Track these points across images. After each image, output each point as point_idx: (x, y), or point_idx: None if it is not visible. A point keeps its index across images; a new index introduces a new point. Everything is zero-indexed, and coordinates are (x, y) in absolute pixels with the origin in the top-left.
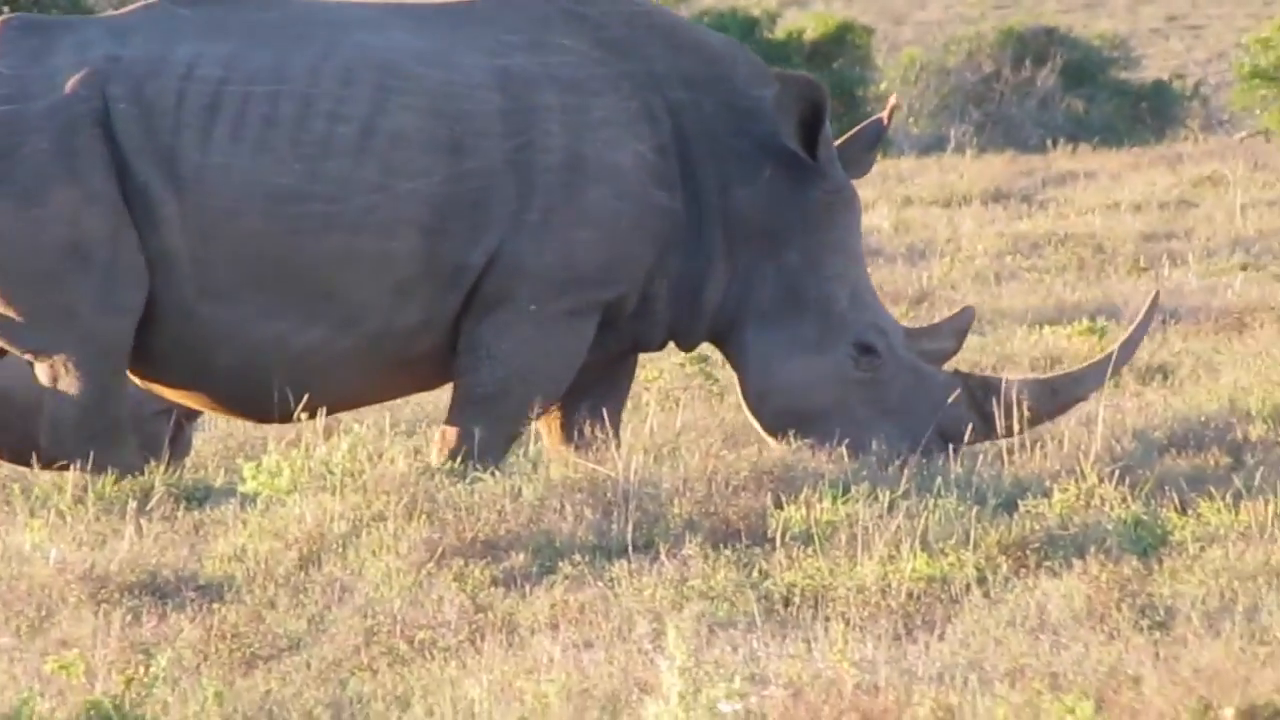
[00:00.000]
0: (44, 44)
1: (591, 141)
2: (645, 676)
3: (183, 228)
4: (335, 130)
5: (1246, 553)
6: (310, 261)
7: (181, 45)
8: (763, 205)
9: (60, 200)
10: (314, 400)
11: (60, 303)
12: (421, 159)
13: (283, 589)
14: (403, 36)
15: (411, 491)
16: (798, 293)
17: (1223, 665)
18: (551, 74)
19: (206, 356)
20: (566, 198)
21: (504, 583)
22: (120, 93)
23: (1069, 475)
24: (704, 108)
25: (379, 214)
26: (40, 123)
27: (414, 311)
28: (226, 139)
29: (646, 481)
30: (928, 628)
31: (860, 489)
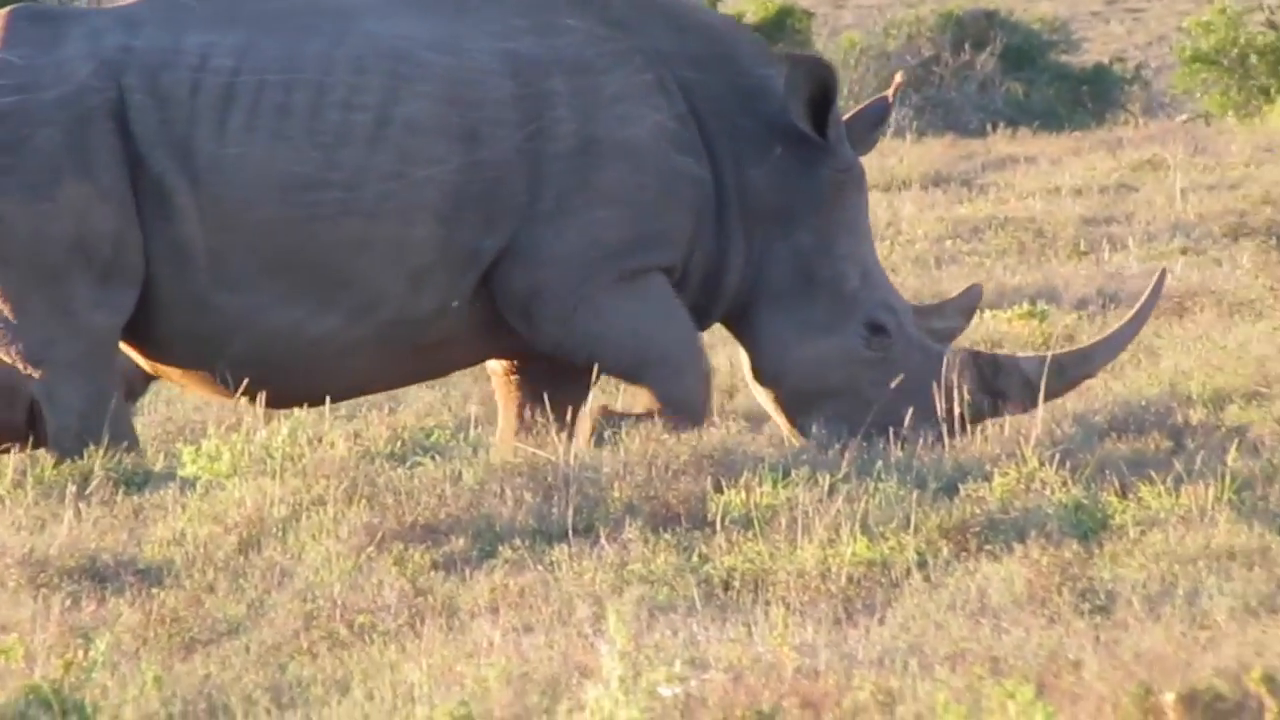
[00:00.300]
0: (53, 33)
1: (604, 121)
2: (585, 660)
3: (198, 217)
4: (350, 118)
5: (1187, 536)
6: (326, 249)
7: (192, 35)
8: (775, 185)
9: (70, 195)
10: (329, 387)
11: (58, 298)
12: (436, 146)
13: (222, 573)
14: (409, 23)
15: (351, 476)
16: (810, 273)
17: (1163, 649)
18: (559, 56)
19: (221, 345)
20: (580, 182)
21: (444, 567)
22: (135, 83)
23: (1009, 459)
24: (712, 87)
25: (395, 201)
26: (52, 114)
27: (429, 298)
28: (241, 128)
29: (587, 466)
30: (868, 612)
31: (800, 473)
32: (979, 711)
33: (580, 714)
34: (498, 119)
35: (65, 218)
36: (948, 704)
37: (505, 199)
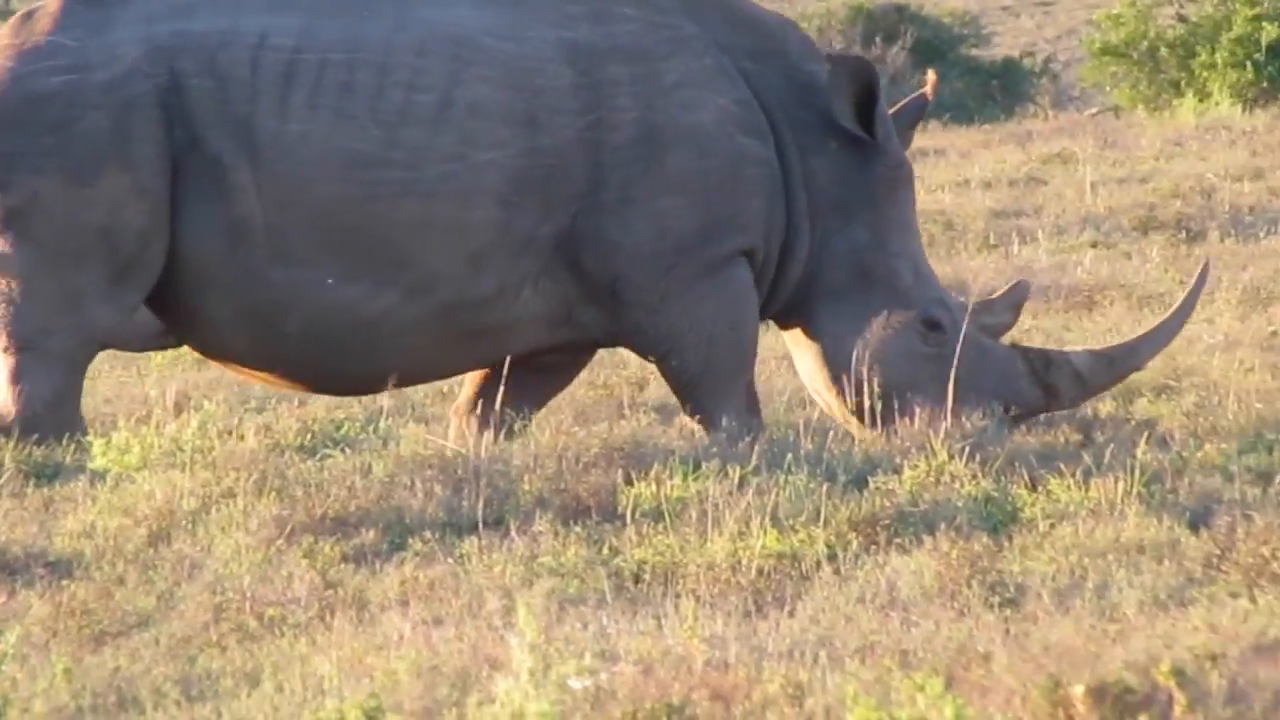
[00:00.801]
0: (106, 16)
1: (665, 108)
2: (495, 653)
3: (258, 194)
4: (413, 99)
5: (1096, 530)
6: (385, 228)
7: (248, 18)
8: (834, 178)
9: (109, 185)
10: (384, 369)
11: (71, 285)
12: (498, 130)
13: (132, 566)
14: (468, 11)
15: (261, 468)
16: (866, 270)
17: (1072, 642)
18: (617, 45)
19: (277, 322)
20: (643, 170)
21: (354, 559)
22: (191, 66)
23: (919, 452)
24: (769, 78)
25: (455, 182)
26: (99, 98)
27: (486, 281)
28: (303, 106)
29: (497, 458)
30: (778, 604)
31: (710, 465)
32: (888, 704)
33: (490, 706)
34: (557, 106)
35: (100, 207)
36: (857, 696)
37: (564, 185)
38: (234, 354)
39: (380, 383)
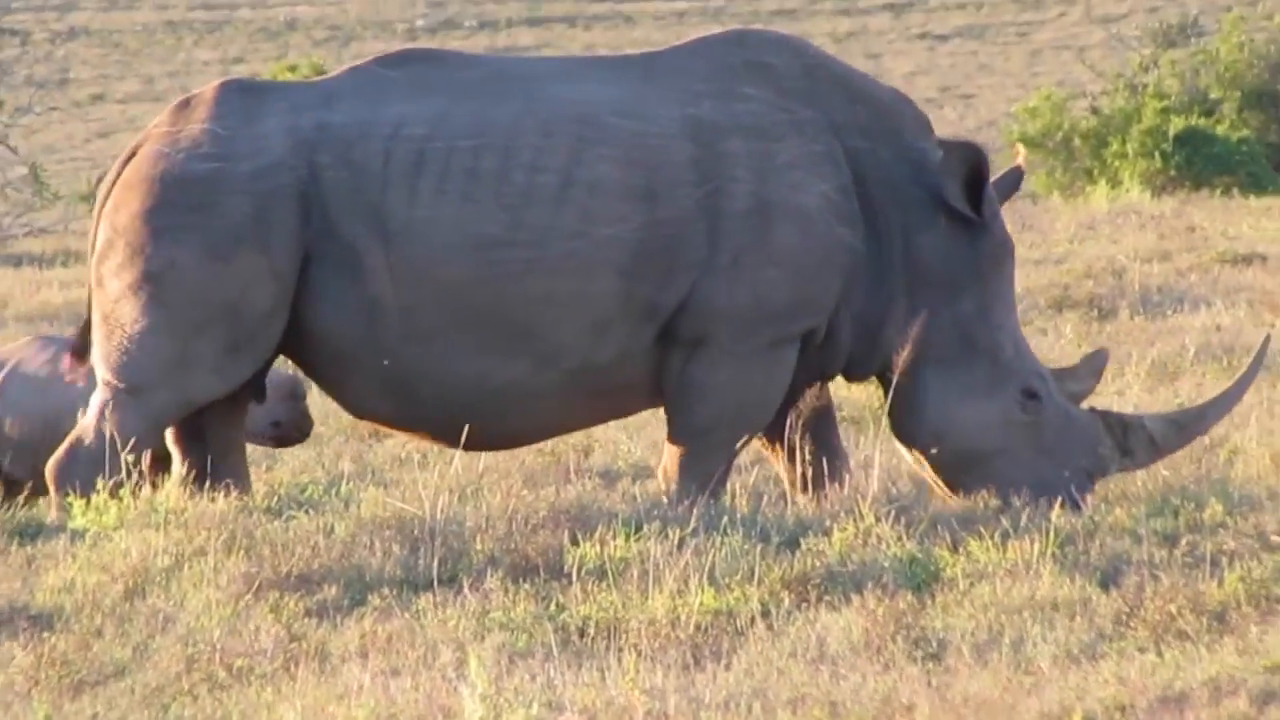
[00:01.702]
0: (258, 106)
1: (777, 185)
2: (449, 703)
3: (390, 277)
4: (536, 180)
5: (1013, 588)
6: (512, 304)
7: (389, 106)
8: (942, 253)
9: (244, 265)
10: (516, 431)
11: (191, 352)
12: (618, 206)
13: (109, 619)
14: (596, 88)
15: (230, 528)
16: (972, 339)
17: (990, 694)
18: (738, 121)
19: (414, 391)
20: (755, 240)
21: (317, 614)
22: (328, 159)
23: (848, 515)
24: (880, 155)
25: (578, 258)
26: (244, 185)
27: (610, 347)
28: (432, 193)
29: (451, 520)
30: (715, 658)
31: (652, 527)
32: None
33: None
34: (677, 180)
35: (232, 284)
36: None
37: (685, 254)
38: (379, 417)
39: (515, 440)
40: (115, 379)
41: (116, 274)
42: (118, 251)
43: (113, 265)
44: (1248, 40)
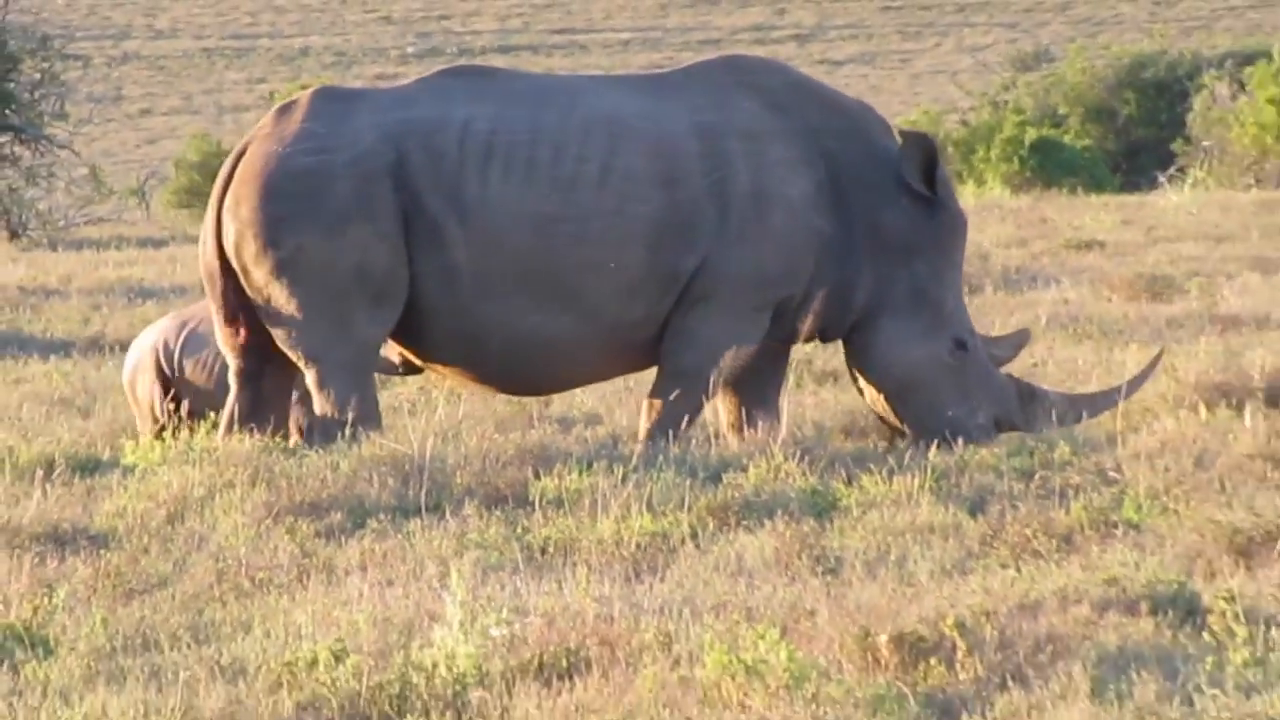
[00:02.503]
0: (347, 109)
1: (769, 177)
2: (434, 608)
3: (465, 246)
4: (581, 169)
5: (897, 515)
6: (563, 269)
7: (456, 108)
8: (901, 226)
9: (357, 235)
10: (562, 377)
11: (341, 313)
12: (646, 190)
13: (154, 539)
14: (620, 99)
15: (254, 464)
16: (921, 294)
17: (879, 602)
18: (735, 126)
19: (482, 343)
20: (756, 219)
21: (325, 535)
22: (413, 146)
23: (761, 455)
24: (850, 154)
25: (615, 232)
26: (346, 171)
27: (639, 307)
28: (499, 177)
29: (436, 458)
30: (651, 572)
31: (600, 464)
32: (736, 649)
33: (429, 649)
34: (691, 169)
35: (352, 252)
36: (713, 643)
37: (699, 228)
38: (446, 365)
39: (559, 386)
40: (303, 358)
41: (256, 263)
42: (249, 242)
43: (250, 255)
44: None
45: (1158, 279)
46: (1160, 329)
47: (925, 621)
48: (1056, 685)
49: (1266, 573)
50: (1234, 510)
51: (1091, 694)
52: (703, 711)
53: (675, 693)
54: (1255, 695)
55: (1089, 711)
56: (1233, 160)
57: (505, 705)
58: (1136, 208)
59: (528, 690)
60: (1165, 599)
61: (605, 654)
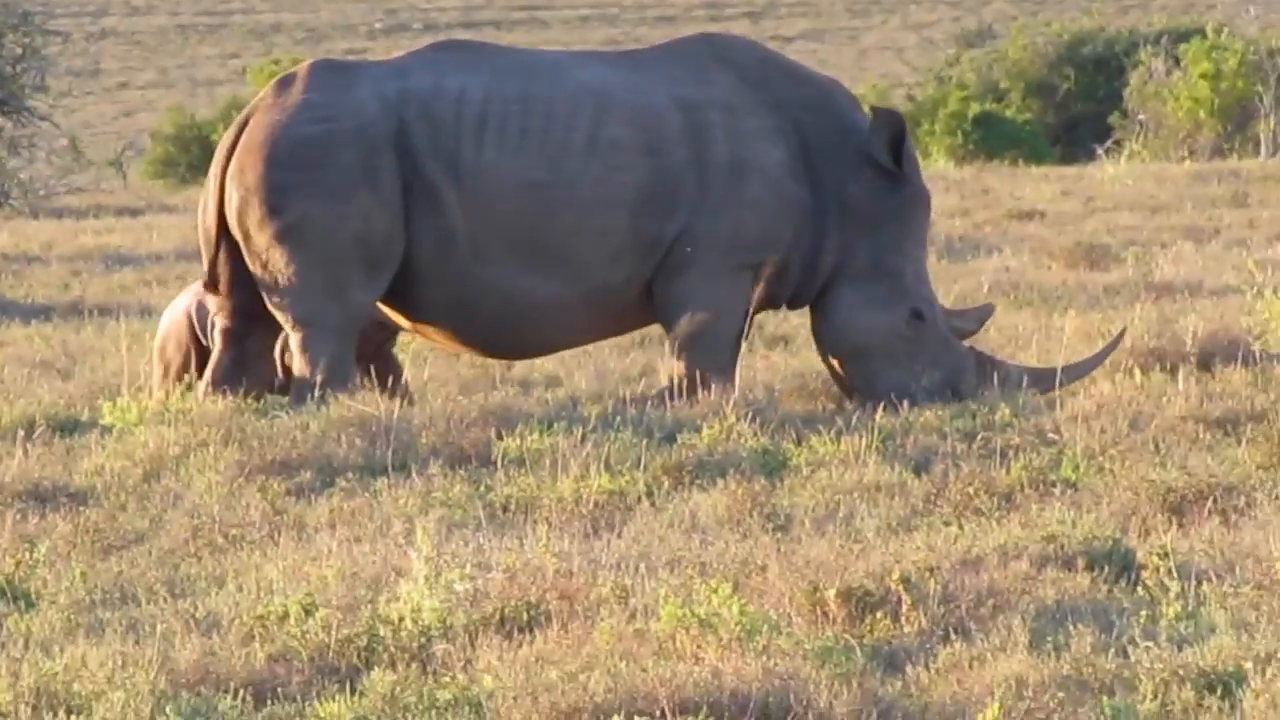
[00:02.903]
0: (346, 79)
1: (746, 147)
2: (400, 564)
3: (461, 211)
4: (570, 138)
5: (845, 474)
6: (552, 233)
7: (450, 78)
8: (867, 198)
9: (360, 202)
10: (549, 340)
11: (335, 278)
12: (631, 158)
13: (131, 496)
14: (604, 72)
15: (227, 425)
16: (881, 264)
17: (827, 557)
18: (712, 99)
19: (475, 305)
20: (733, 188)
21: (295, 493)
22: (413, 115)
23: (715, 416)
24: (819, 126)
25: (602, 199)
26: (350, 139)
27: (622, 271)
28: (494, 145)
29: (402, 419)
30: (609, 528)
31: (560, 425)
32: (690, 603)
33: (396, 604)
34: (672, 140)
35: (354, 219)
36: (667, 597)
37: (679, 197)
38: (438, 328)
39: (540, 350)
40: (293, 319)
41: (260, 228)
42: (254, 209)
43: (254, 220)
44: (1031, 42)
45: (1095, 248)
46: (1097, 296)
47: (872, 576)
48: (996, 637)
49: (1198, 529)
50: (1167, 470)
51: (1030, 646)
52: (658, 663)
53: (631, 645)
54: (1187, 647)
55: (1027, 662)
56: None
57: (468, 657)
58: (1075, 179)
59: (490, 642)
60: (1101, 555)
61: (564, 607)
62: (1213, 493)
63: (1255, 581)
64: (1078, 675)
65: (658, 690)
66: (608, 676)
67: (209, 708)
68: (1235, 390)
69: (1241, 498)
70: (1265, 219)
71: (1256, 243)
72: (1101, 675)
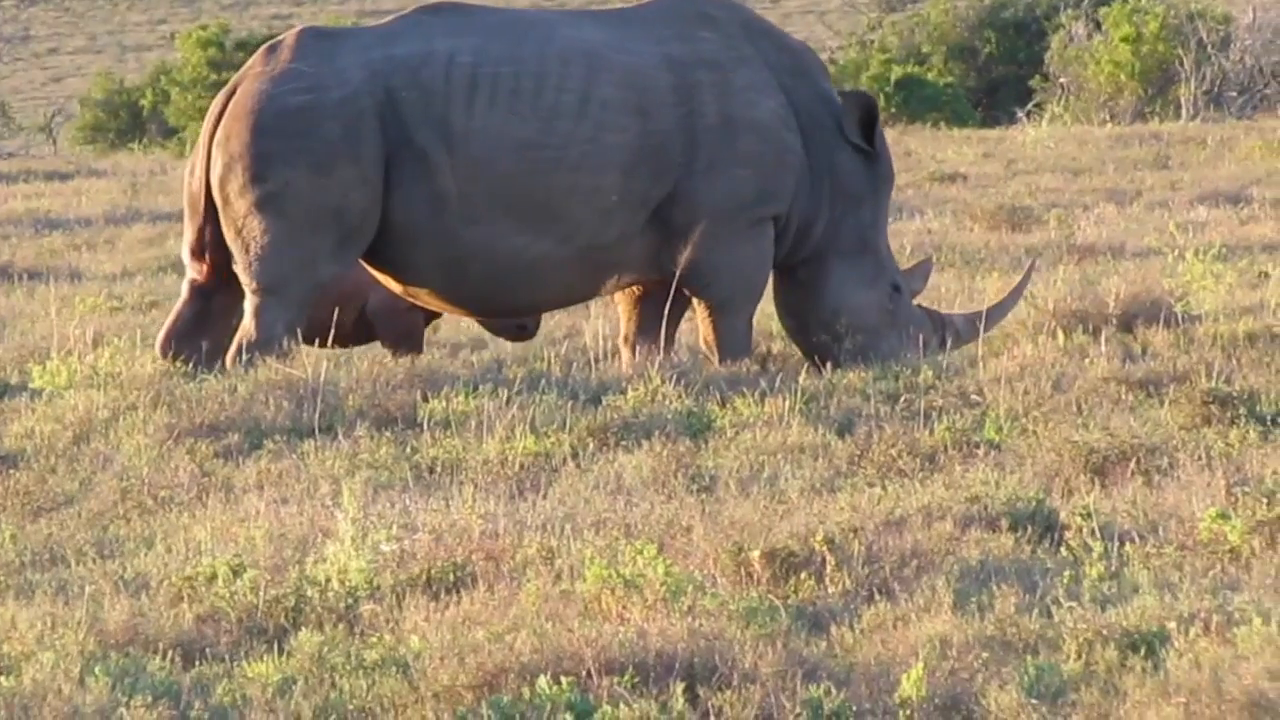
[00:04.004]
0: (333, 47)
1: (737, 104)
2: (327, 525)
3: (452, 173)
4: (561, 99)
5: (769, 435)
6: (544, 193)
7: (439, 42)
8: (852, 170)
9: (342, 175)
10: (540, 298)
11: (307, 248)
12: (621, 119)
13: (61, 459)
14: (593, 31)
15: (156, 388)
16: (865, 241)
17: (751, 518)
18: (700, 57)
19: (465, 266)
20: (724, 147)
21: (223, 455)
22: (400, 82)
23: (640, 378)
24: (802, 92)
25: (592, 159)
26: (335, 110)
27: (613, 229)
28: (485, 107)
29: (329, 381)
30: (535, 490)
31: (486, 388)
32: (616, 564)
33: (323, 565)
34: (662, 100)
35: (335, 191)
36: (593, 558)
37: (669, 157)
38: (429, 290)
39: (533, 309)
40: (258, 283)
41: (240, 194)
42: (237, 175)
43: (236, 187)
44: (952, 6)
45: (1017, 210)
46: (1020, 258)
47: (796, 537)
48: (921, 598)
49: (1120, 490)
50: (1090, 431)
51: (954, 606)
52: (583, 623)
53: (557, 605)
54: (1110, 607)
55: (952, 623)
56: (1089, 96)
57: (395, 617)
58: (997, 142)
59: (417, 603)
60: (1024, 516)
61: (490, 569)
62: (1135, 453)
63: (1178, 542)
64: (1001, 635)
65: (583, 650)
66: (534, 637)
67: (138, 668)
68: (1157, 351)
69: (1164, 458)
70: (1186, 181)
71: (1178, 205)
72: (1025, 635)
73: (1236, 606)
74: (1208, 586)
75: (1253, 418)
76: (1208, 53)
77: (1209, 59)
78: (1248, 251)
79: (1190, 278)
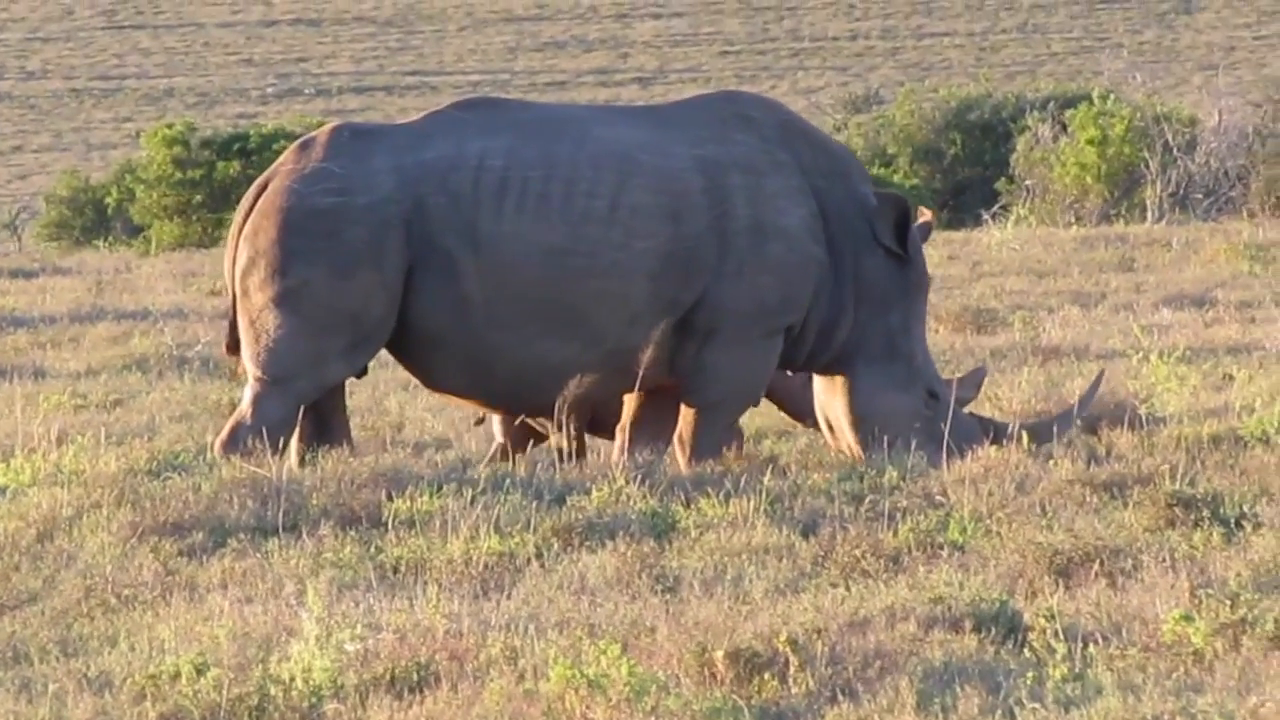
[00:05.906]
0: (366, 147)
1: (767, 210)
2: (291, 624)
3: (478, 278)
4: (591, 204)
5: (733, 536)
6: (572, 299)
7: (469, 142)
8: (879, 276)
9: (362, 280)
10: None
11: (321, 348)
12: (652, 225)
13: (25, 557)
14: (625, 131)
15: (120, 486)
16: (895, 346)
17: (716, 619)
18: (734, 160)
19: (490, 369)
20: (753, 253)
21: (187, 554)
22: (429, 189)
23: (604, 478)
24: (835, 194)
25: (622, 265)
26: (361, 215)
27: (639, 334)
28: (513, 212)
29: (294, 480)
30: (499, 590)
31: (450, 487)
32: (580, 664)
33: (287, 663)
34: (694, 205)
35: (354, 296)
36: (557, 658)
37: (700, 262)
38: (454, 390)
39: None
40: (264, 373)
41: (260, 288)
42: (259, 270)
43: (256, 280)
44: (918, 108)
45: (983, 312)
46: (985, 360)
47: (760, 637)
48: (884, 699)
49: (1084, 592)
50: (1054, 532)
51: (917, 707)
52: None
53: (521, 705)
54: (1073, 708)
55: None
56: (1054, 198)
57: (359, 717)
58: (962, 244)
59: (380, 702)
60: (988, 617)
61: (454, 668)
62: (1099, 555)
63: (1141, 643)
64: None
65: None
66: None
67: None
68: (1122, 453)
69: (1128, 560)
70: (1151, 283)
71: (1143, 307)
72: None
73: (1200, 709)
74: (1171, 688)
75: (1216, 520)
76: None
77: (1174, 161)
78: (1212, 354)
79: (1154, 379)
